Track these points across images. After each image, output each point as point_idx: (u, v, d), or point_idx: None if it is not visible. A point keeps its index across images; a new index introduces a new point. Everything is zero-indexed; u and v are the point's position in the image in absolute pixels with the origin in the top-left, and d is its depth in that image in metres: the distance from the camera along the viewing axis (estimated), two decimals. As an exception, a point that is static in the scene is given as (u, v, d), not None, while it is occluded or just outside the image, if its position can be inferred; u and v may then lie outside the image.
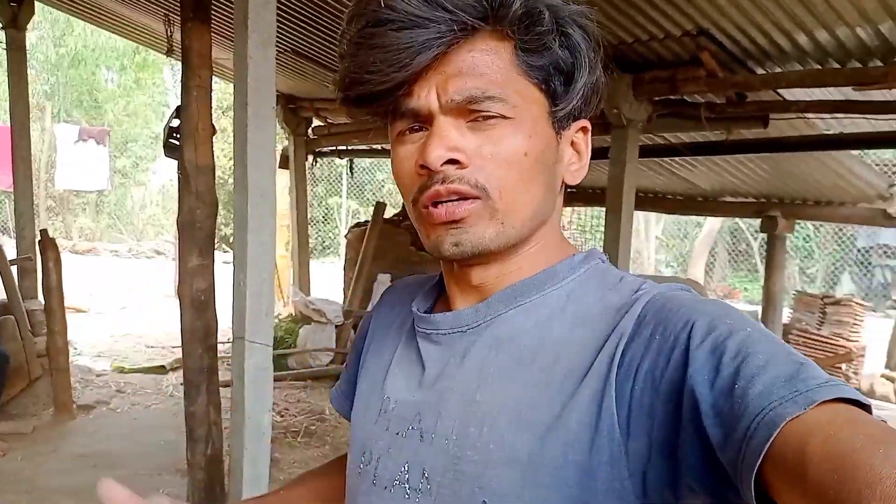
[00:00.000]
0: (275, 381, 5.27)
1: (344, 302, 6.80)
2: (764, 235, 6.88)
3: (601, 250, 0.73)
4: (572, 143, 0.68)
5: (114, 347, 7.24)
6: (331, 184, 18.62)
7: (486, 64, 0.60)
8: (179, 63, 3.20)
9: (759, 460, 0.44)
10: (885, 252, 13.26)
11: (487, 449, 0.59)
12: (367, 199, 19.44)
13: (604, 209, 4.60)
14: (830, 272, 14.92)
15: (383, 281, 6.57)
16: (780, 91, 3.86)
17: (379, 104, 0.63)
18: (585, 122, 0.68)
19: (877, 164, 6.55)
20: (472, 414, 0.62)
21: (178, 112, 3.00)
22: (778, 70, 3.69)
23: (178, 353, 6.72)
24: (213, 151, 3.00)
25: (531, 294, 0.66)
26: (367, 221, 7.39)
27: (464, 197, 0.61)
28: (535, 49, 0.61)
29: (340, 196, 18.53)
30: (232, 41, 2.60)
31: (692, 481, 0.52)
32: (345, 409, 0.85)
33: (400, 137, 0.65)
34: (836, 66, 3.43)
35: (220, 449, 3.01)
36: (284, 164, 7.42)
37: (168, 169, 19.67)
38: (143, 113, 20.67)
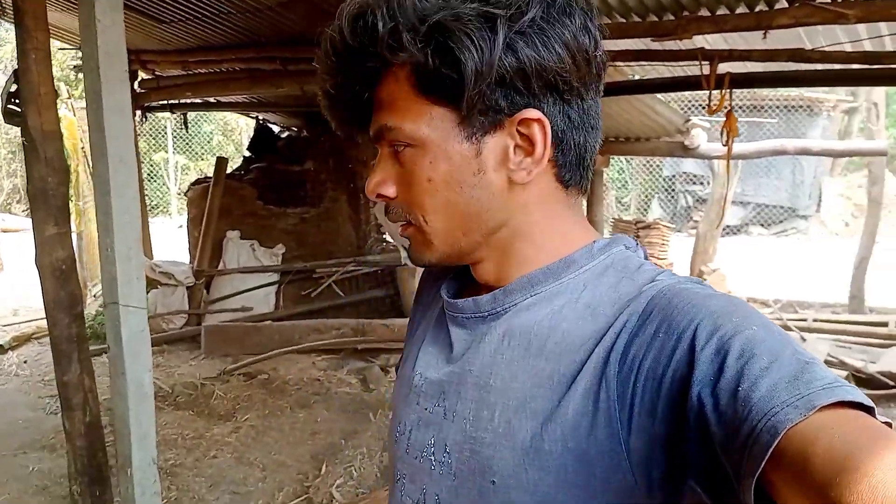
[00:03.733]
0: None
1: (192, 262, 6.67)
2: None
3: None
4: (522, 137, 0.63)
5: (-69, 332, 6.62)
6: (154, 139, 17.50)
7: (391, 93, 0.64)
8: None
9: (761, 467, 0.44)
10: (687, 179, 14.87)
11: (497, 432, 0.62)
12: (196, 152, 18.49)
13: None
14: (642, 200, 16.48)
15: (233, 237, 6.52)
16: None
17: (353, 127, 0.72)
18: (530, 113, 0.62)
19: (675, 102, 7.40)
20: (485, 398, 0.64)
21: (16, 76, 2.86)
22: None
23: (12, 332, 6.32)
24: (58, 116, 2.91)
25: (548, 282, 0.67)
26: (207, 178, 7.22)
27: (404, 222, 0.68)
28: (422, 70, 0.61)
29: (166, 151, 17.52)
30: (66, 3, 2.54)
31: (694, 481, 0.52)
32: None
33: None
34: (638, 19, 3.91)
35: (98, 415, 3.03)
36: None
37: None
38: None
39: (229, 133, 19.30)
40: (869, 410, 0.45)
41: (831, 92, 13.59)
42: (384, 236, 7.49)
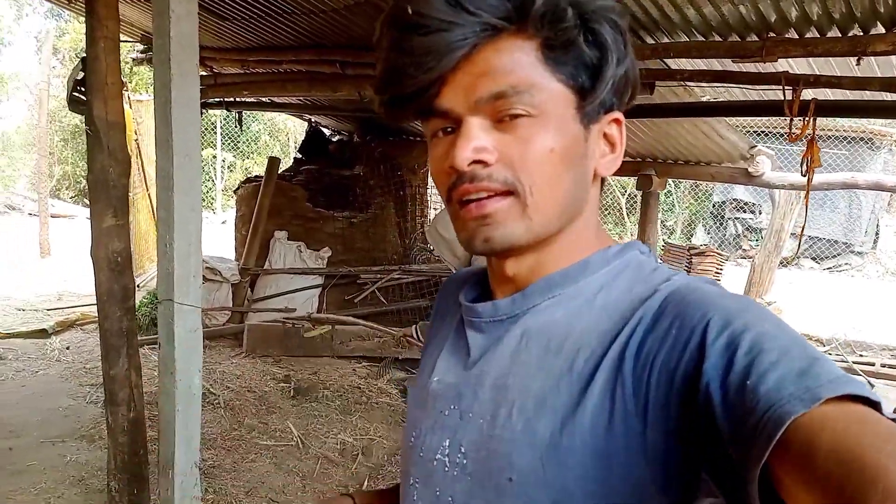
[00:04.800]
0: (145, 344, 5.15)
1: (238, 259, 6.66)
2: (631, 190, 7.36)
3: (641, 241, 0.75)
4: (606, 136, 0.69)
5: (-21, 312, 6.72)
6: (203, 135, 17.70)
7: (512, 62, 0.61)
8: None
9: (766, 456, 0.45)
10: (737, 206, 14.51)
11: (515, 430, 0.62)
12: (242, 151, 18.71)
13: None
14: (686, 225, 16.18)
15: (280, 238, 6.50)
16: (664, 60, 4.17)
17: (411, 106, 0.65)
18: (618, 115, 0.69)
19: (740, 128, 7.18)
20: (504, 397, 0.65)
21: (84, 64, 2.83)
22: (666, 40, 3.99)
23: (56, 316, 6.37)
24: (123, 107, 2.88)
25: (565, 286, 0.68)
26: (257, 177, 7.22)
27: (493, 194, 0.64)
28: (559, 46, 0.62)
29: (214, 148, 17.74)
30: None
31: (707, 475, 0.54)
32: None
33: (433, 139, 0.67)
34: (718, 38, 3.76)
35: (142, 412, 2.97)
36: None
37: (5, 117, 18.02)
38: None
39: (276, 133, 19.52)
40: (875, 405, 0.46)
41: (893, 125, 13.14)
42: (429, 246, 7.41)
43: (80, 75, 2.89)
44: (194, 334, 2.66)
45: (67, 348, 5.47)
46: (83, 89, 2.86)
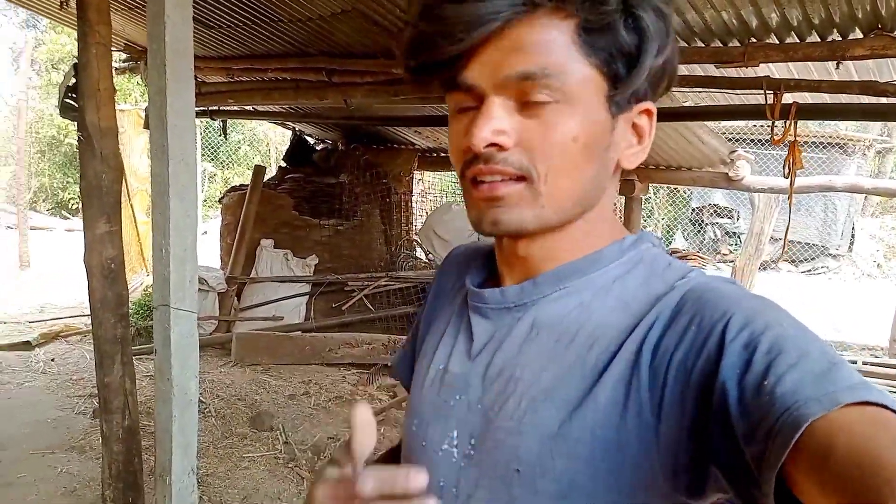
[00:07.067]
0: (141, 354, 5.11)
1: (224, 268, 6.62)
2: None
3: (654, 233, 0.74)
4: (634, 126, 0.66)
5: (-42, 326, 6.62)
6: (182, 145, 17.57)
7: (546, 42, 0.58)
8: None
9: (783, 459, 0.44)
10: (715, 211, 14.70)
11: (522, 421, 0.62)
12: (222, 161, 18.61)
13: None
14: (665, 230, 16.35)
15: (267, 246, 6.48)
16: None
17: (436, 75, 0.63)
18: (650, 105, 0.66)
19: (719, 134, 7.31)
20: (513, 388, 0.64)
21: (76, 70, 2.83)
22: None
23: (39, 328, 6.29)
24: (115, 113, 2.87)
25: (576, 277, 0.66)
26: (242, 186, 7.20)
27: (507, 177, 0.62)
28: (598, 29, 0.59)
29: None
30: (134, 6, 2.50)
31: (719, 473, 0.53)
32: (405, 374, 0.86)
33: (455, 112, 0.65)
34: (701, 44, 3.83)
35: (137, 420, 2.95)
36: (148, 124, 6.99)
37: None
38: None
39: (256, 143, 19.42)
40: (894, 411, 0.45)
41: (865, 131, 13.42)
42: (416, 252, 7.42)
43: (73, 81, 2.88)
44: (190, 339, 2.66)
45: (52, 360, 5.41)
46: (75, 95, 2.85)
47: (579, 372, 0.61)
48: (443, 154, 8.40)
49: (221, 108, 7.14)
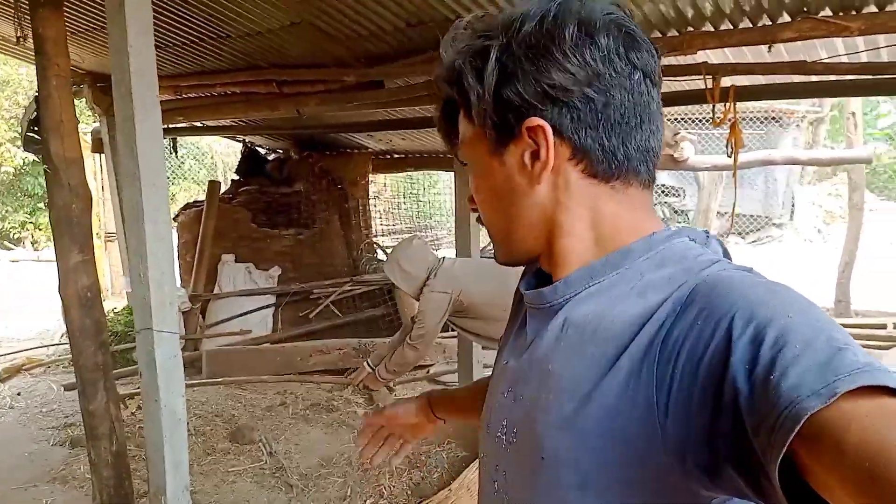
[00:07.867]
0: (121, 377, 5.07)
1: (185, 286, 6.58)
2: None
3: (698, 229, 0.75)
4: (534, 143, 0.69)
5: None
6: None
7: (461, 121, 0.76)
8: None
9: (782, 453, 0.46)
10: (662, 190, 15.10)
11: (548, 412, 0.66)
12: (168, 177, 18.24)
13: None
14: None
15: (228, 261, 6.46)
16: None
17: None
18: (531, 121, 0.68)
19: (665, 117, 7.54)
20: (545, 382, 0.69)
21: (38, 103, 2.83)
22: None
23: (0, 364, 6.15)
24: (80, 143, 2.88)
25: (606, 273, 0.69)
26: (197, 202, 7.15)
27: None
28: (454, 100, 0.75)
29: (139, 177, 17.16)
30: (77, 31, 2.52)
31: (731, 469, 0.54)
32: None
33: None
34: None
35: (124, 444, 2.97)
36: (98, 147, 6.89)
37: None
38: None
39: (201, 157, 19.10)
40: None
41: (798, 104, 13.96)
42: (377, 255, 7.48)
43: (34, 114, 2.88)
44: (174, 360, 2.70)
45: (18, 394, 5.31)
46: (37, 128, 2.86)
47: (597, 365, 0.63)
48: (396, 156, 8.47)
49: (171, 126, 7.08)
